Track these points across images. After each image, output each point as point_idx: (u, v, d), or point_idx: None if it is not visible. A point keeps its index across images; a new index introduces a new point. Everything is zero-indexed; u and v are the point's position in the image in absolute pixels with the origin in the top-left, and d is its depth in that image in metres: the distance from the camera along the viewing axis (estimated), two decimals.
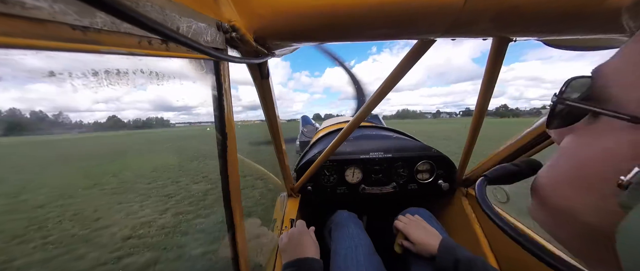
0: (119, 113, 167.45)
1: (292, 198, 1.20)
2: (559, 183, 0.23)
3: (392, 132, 1.64)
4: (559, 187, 0.23)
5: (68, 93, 72.94)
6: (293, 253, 0.74)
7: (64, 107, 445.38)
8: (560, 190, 0.23)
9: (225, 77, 0.48)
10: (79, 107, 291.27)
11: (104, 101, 29.52)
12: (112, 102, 26.34)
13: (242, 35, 0.39)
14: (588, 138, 0.21)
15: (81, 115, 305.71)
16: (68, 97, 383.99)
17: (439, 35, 0.47)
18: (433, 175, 1.19)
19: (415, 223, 0.88)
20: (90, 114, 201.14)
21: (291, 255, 0.74)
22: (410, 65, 0.65)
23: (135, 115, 28.22)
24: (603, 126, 0.20)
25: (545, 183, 0.25)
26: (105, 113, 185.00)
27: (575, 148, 0.23)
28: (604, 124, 0.20)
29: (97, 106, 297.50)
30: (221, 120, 0.50)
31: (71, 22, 0.19)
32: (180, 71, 0.39)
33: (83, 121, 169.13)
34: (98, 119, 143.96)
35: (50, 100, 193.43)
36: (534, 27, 0.42)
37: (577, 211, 0.21)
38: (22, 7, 0.16)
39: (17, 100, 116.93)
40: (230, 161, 0.54)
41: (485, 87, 0.73)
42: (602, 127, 0.20)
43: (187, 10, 0.30)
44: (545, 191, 0.25)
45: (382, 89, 0.73)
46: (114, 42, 0.23)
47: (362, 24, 0.42)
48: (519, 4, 0.37)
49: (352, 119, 0.87)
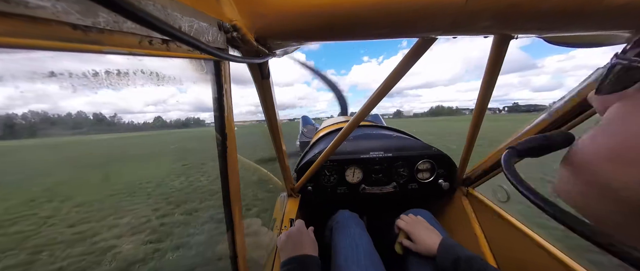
0: (164, 114, 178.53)
1: (292, 198, 1.19)
2: (599, 154, 0.22)
3: (393, 131, 1.64)
4: (599, 159, 0.22)
5: (127, 97, 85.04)
6: (291, 251, 0.75)
7: (121, 109, 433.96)
8: (601, 163, 0.21)
9: (225, 78, 0.48)
10: (133, 109, 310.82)
11: (154, 103, 30.15)
12: (160, 105, 26.26)
13: (243, 34, 0.39)
14: (638, 107, 0.20)
15: (135, 116, 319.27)
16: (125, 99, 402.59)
17: (440, 34, 0.47)
18: (433, 174, 1.18)
19: (417, 223, 0.89)
20: (142, 115, 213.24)
21: (289, 252, 0.75)
22: (411, 64, 0.65)
23: (177, 116, 27.70)
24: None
25: (583, 154, 0.23)
26: (152, 114, 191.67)
27: (622, 118, 0.21)
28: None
29: (147, 108, 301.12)
30: (221, 120, 0.50)
31: (74, 21, 0.19)
32: (181, 71, 0.39)
33: (134, 121, 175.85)
34: (147, 120, 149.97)
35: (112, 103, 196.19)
36: (535, 24, 0.42)
37: (618, 187, 0.19)
38: (26, 6, 0.16)
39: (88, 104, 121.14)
40: (231, 162, 0.54)
41: (485, 85, 0.73)
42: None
43: (189, 9, 0.30)
44: (582, 163, 0.23)
45: (382, 88, 0.73)
46: (115, 42, 0.23)
47: (363, 23, 0.41)
48: (520, 1, 0.37)
49: (352, 119, 0.87)
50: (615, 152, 0.20)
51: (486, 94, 0.76)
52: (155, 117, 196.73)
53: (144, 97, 26.69)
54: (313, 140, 1.97)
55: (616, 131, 0.21)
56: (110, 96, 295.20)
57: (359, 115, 0.84)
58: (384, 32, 0.44)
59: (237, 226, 0.60)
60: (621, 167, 0.19)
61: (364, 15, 0.40)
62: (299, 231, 0.82)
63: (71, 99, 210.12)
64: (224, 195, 0.57)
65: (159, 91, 24.53)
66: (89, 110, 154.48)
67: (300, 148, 5.13)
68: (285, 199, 1.20)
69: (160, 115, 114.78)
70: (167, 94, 27.50)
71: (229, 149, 0.53)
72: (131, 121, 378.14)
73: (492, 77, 0.70)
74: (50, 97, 26.98)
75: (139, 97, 73.80)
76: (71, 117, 53.50)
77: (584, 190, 0.23)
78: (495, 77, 0.70)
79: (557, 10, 0.38)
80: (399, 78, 0.69)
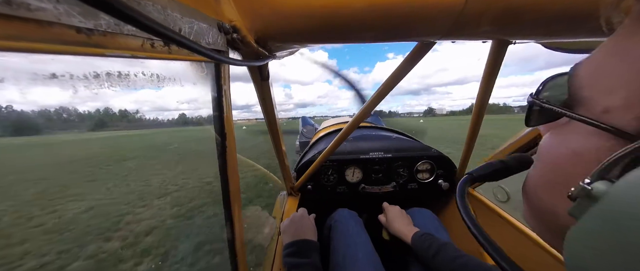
0: (193, 112, 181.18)
1: (292, 197, 1.20)
2: (535, 182, 0.23)
3: (392, 132, 1.64)
4: (535, 187, 0.23)
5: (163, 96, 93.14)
6: (293, 235, 0.80)
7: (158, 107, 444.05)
8: (535, 191, 0.23)
9: (225, 78, 0.48)
10: (169, 107, 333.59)
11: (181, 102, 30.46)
12: (192, 103, 26.62)
13: (243, 36, 0.40)
14: (562, 138, 0.21)
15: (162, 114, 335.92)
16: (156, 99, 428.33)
17: (439, 38, 0.47)
18: (433, 175, 1.19)
19: (394, 217, 0.95)
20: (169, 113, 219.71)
21: (291, 236, 0.80)
22: (410, 67, 0.65)
23: (205, 113, 28.57)
24: (575, 127, 0.19)
25: (527, 180, 0.24)
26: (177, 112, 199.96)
27: (549, 148, 0.22)
28: (576, 126, 0.19)
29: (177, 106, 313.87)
30: (220, 120, 0.50)
31: (76, 24, 0.19)
32: (183, 71, 0.39)
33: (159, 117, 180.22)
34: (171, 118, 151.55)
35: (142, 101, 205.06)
36: (534, 30, 0.42)
37: (554, 213, 0.20)
38: (27, 8, 0.16)
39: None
40: (230, 162, 0.54)
41: (483, 89, 0.74)
42: (574, 128, 0.19)
43: (189, 10, 0.30)
44: (525, 188, 0.24)
45: (381, 91, 0.73)
46: (118, 45, 0.23)
47: (362, 26, 0.42)
48: (518, 7, 0.37)
49: (351, 120, 0.88)
50: (546, 180, 0.21)
51: (484, 98, 0.77)
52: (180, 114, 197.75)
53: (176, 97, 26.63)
54: (313, 140, 1.98)
55: (544, 161, 0.22)
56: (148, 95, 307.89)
57: (359, 116, 0.84)
58: (383, 35, 0.44)
59: (237, 225, 0.61)
60: (553, 194, 0.20)
61: (363, 18, 0.40)
62: (301, 217, 0.88)
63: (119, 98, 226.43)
64: (223, 195, 0.57)
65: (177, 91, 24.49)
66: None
67: (299, 147, 5.14)
68: (285, 198, 1.21)
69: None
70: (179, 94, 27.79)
71: (229, 148, 0.53)
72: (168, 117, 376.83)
73: (490, 81, 0.71)
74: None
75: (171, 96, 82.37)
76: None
77: (528, 214, 0.24)
78: (493, 82, 0.72)
79: (556, 16, 0.38)
80: (397, 81, 0.69)
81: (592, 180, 0.15)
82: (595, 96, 0.18)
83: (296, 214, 0.90)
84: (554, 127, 0.22)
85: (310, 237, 0.81)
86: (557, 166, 0.20)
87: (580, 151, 0.18)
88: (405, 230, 0.86)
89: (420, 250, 0.76)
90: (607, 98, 0.17)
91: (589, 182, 0.15)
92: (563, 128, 0.21)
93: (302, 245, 0.77)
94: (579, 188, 0.16)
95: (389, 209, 1.00)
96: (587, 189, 0.15)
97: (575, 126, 0.19)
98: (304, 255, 0.74)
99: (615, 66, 0.17)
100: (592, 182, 0.15)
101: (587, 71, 0.19)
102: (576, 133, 0.19)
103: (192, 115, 70.48)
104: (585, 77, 0.19)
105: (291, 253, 0.75)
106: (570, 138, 0.19)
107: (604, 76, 0.18)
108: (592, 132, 0.17)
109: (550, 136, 0.22)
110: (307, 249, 0.76)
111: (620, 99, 0.16)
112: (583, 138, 0.18)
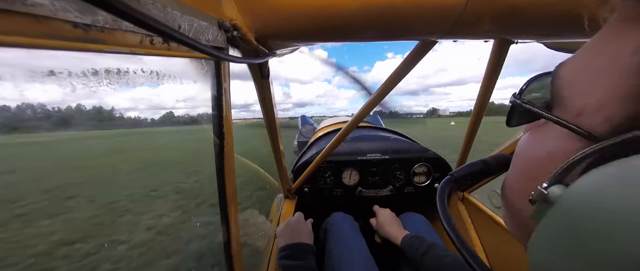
0: (192, 111, 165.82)
1: (288, 200, 1.19)
2: (510, 184, 0.23)
3: (391, 133, 1.64)
4: (510, 188, 0.23)
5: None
6: (289, 239, 0.80)
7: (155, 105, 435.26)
8: (510, 192, 0.22)
9: (225, 77, 0.47)
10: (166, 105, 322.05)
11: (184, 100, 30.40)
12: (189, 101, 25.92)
13: (243, 34, 0.39)
14: (538, 139, 0.20)
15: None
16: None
17: (440, 37, 0.47)
18: (429, 178, 1.19)
19: (384, 221, 0.95)
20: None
21: (287, 240, 0.80)
22: (411, 66, 0.65)
23: (203, 111, 28.10)
24: (552, 128, 0.19)
25: (505, 181, 0.24)
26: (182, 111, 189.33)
27: (525, 148, 0.22)
28: (552, 127, 0.19)
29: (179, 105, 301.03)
30: (219, 120, 0.49)
31: (72, 19, 0.18)
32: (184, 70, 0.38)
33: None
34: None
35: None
36: (535, 30, 0.42)
37: (524, 216, 0.20)
38: (23, 3, 0.16)
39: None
40: (227, 163, 0.54)
41: (484, 90, 0.74)
42: (550, 129, 0.19)
43: (189, 8, 0.30)
44: (503, 189, 0.24)
45: (381, 90, 0.73)
46: (116, 41, 0.23)
47: (363, 24, 0.41)
48: (519, 6, 0.37)
49: (350, 120, 0.87)
50: (520, 179, 0.21)
51: (484, 98, 0.76)
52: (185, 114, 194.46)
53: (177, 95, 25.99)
54: (311, 140, 1.97)
55: (519, 162, 0.22)
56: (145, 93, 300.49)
57: (358, 116, 0.84)
58: (384, 34, 0.44)
59: (233, 226, 0.60)
60: (519, 197, 0.20)
61: (364, 17, 0.40)
62: (297, 221, 0.88)
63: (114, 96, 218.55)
64: (219, 195, 0.57)
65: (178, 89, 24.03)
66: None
67: (298, 147, 5.12)
68: (281, 201, 1.20)
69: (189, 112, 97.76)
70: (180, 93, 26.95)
71: (226, 148, 0.53)
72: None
73: (491, 81, 0.71)
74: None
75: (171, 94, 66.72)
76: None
77: (505, 216, 0.24)
78: (494, 82, 0.71)
79: (557, 15, 0.38)
80: (398, 81, 0.69)
81: (549, 184, 0.15)
82: (573, 97, 0.17)
83: (292, 218, 0.90)
84: (534, 127, 0.22)
85: (306, 240, 0.81)
86: (532, 167, 0.20)
87: (554, 152, 0.18)
88: (396, 233, 0.86)
89: (409, 251, 0.76)
90: (583, 99, 0.17)
91: (546, 186, 0.15)
92: (541, 129, 0.21)
93: (297, 248, 0.77)
94: (537, 191, 0.16)
95: (379, 213, 1.00)
96: (544, 194, 0.15)
97: (551, 127, 0.19)
98: (299, 257, 0.74)
99: (594, 67, 0.17)
100: (549, 186, 0.15)
101: (569, 71, 0.19)
102: (551, 134, 0.19)
103: (188, 114, 67.43)
104: (566, 77, 0.19)
105: (286, 255, 0.75)
106: (546, 139, 0.19)
107: (583, 77, 0.17)
108: (566, 134, 0.17)
109: (528, 137, 0.22)
110: (303, 252, 0.76)
111: (595, 100, 0.16)
112: (557, 139, 0.18)
